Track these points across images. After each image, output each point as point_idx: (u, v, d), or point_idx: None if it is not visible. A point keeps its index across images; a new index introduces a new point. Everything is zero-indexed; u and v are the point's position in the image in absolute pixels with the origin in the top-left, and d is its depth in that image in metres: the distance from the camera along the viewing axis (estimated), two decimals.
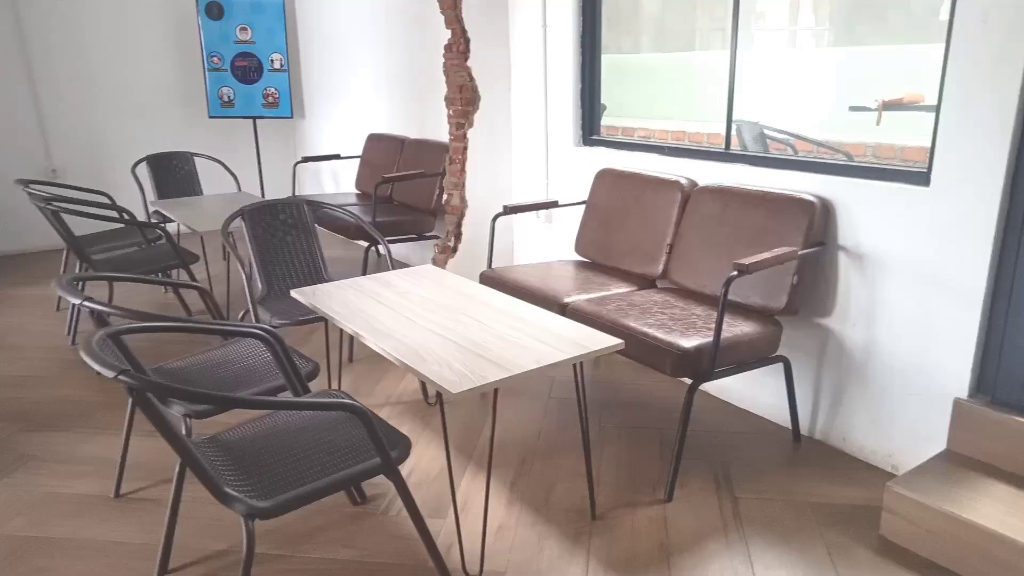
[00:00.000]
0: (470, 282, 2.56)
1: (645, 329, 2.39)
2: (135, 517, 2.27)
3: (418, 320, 2.16)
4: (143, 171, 4.81)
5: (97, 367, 1.40)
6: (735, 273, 2.24)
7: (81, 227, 3.74)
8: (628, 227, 3.17)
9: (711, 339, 2.29)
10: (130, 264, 3.65)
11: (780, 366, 2.72)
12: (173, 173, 4.98)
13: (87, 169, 5.70)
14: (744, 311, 2.58)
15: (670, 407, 2.97)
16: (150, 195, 4.81)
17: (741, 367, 2.43)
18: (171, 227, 4.07)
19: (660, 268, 2.99)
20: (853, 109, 4.39)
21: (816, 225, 2.49)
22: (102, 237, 4.12)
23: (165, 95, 6.01)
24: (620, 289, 2.93)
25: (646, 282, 3.04)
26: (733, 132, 3.09)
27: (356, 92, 5.59)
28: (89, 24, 5.58)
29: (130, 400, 2.42)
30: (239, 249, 3.03)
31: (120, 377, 1.36)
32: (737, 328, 2.41)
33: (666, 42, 6.54)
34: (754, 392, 2.89)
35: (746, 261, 2.23)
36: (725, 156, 2.98)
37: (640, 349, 2.36)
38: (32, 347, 3.73)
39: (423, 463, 2.57)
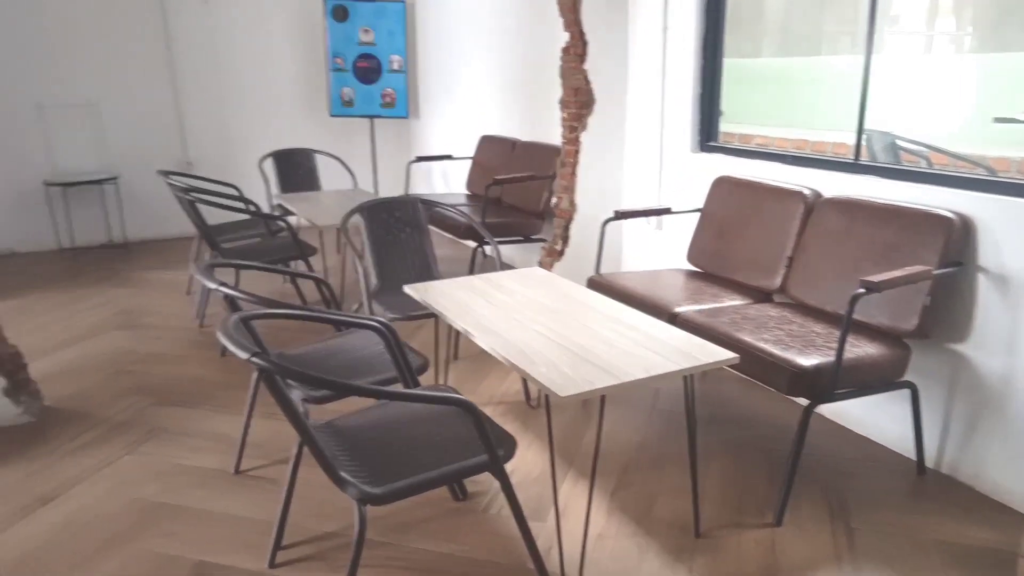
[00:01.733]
0: (578, 286, 2.55)
1: (761, 344, 2.30)
2: (252, 493, 2.39)
3: (526, 321, 2.17)
4: (268, 166, 5.09)
5: (233, 348, 1.49)
6: (862, 291, 2.12)
7: (212, 217, 3.99)
8: (745, 238, 3.06)
9: (832, 358, 2.18)
10: (254, 253, 3.86)
11: (906, 392, 2.56)
12: (295, 168, 5.24)
13: (218, 162, 6.09)
14: (869, 331, 2.44)
15: (781, 426, 2.85)
16: (274, 189, 5.08)
17: (863, 390, 2.30)
18: (291, 220, 4.29)
19: (778, 282, 2.87)
20: (999, 120, 4.07)
21: (953, 244, 2.32)
22: (230, 227, 4.38)
23: (290, 94, 6.33)
24: (734, 301, 2.83)
25: (762, 295, 2.93)
26: (862, 142, 2.93)
27: (470, 94, 5.69)
28: (225, 28, 5.95)
29: (253, 382, 2.56)
30: (355, 244, 3.15)
31: (253, 359, 1.44)
32: (860, 349, 2.28)
33: (790, 46, 6.29)
34: (876, 418, 2.73)
35: (876, 278, 2.11)
36: (854, 167, 2.83)
37: (754, 365, 2.27)
38: (164, 327, 4.02)
39: (524, 465, 2.58)
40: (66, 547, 2.12)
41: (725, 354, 1.91)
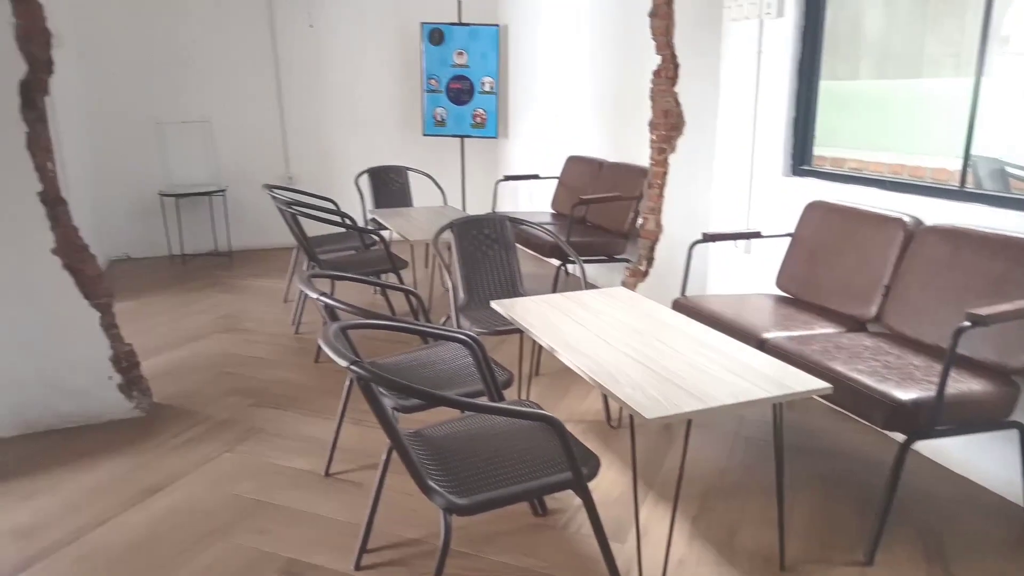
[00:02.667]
0: (663, 307, 2.54)
1: (855, 375, 2.23)
2: (340, 496, 2.49)
3: (611, 341, 2.18)
4: (364, 181, 5.29)
5: (334, 356, 1.57)
6: (968, 324, 2.03)
7: (310, 229, 4.18)
8: (839, 264, 2.98)
9: (932, 393, 2.09)
10: (349, 265, 4.03)
11: (1014, 433, 2.42)
12: (389, 185, 5.43)
13: (317, 177, 6.38)
14: (972, 366, 2.33)
15: (874, 461, 2.74)
16: (368, 204, 5.28)
17: (965, 429, 2.19)
18: (384, 234, 4.45)
19: (873, 310, 2.77)
20: None
21: None
22: (327, 239, 4.58)
23: (387, 114, 6.58)
24: (826, 329, 2.76)
25: (856, 324, 2.84)
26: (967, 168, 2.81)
27: (558, 115, 5.77)
28: (329, 51, 6.26)
29: (345, 388, 2.67)
30: (444, 258, 3.24)
31: (352, 367, 1.52)
32: (964, 384, 2.17)
33: (888, 68, 6.06)
34: (979, 459, 2.59)
35: (984, 311, 2.01)
36: (959, 194, 2.72)
37: (847, 396, 2.20)
38: (263, 332, 4.24)
39: (603, 485, 2.58)
40: (169, 537, 2.27)
41: (817, 383, 1.87)
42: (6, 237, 2.76)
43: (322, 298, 2.10)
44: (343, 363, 1.54)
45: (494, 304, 2.59)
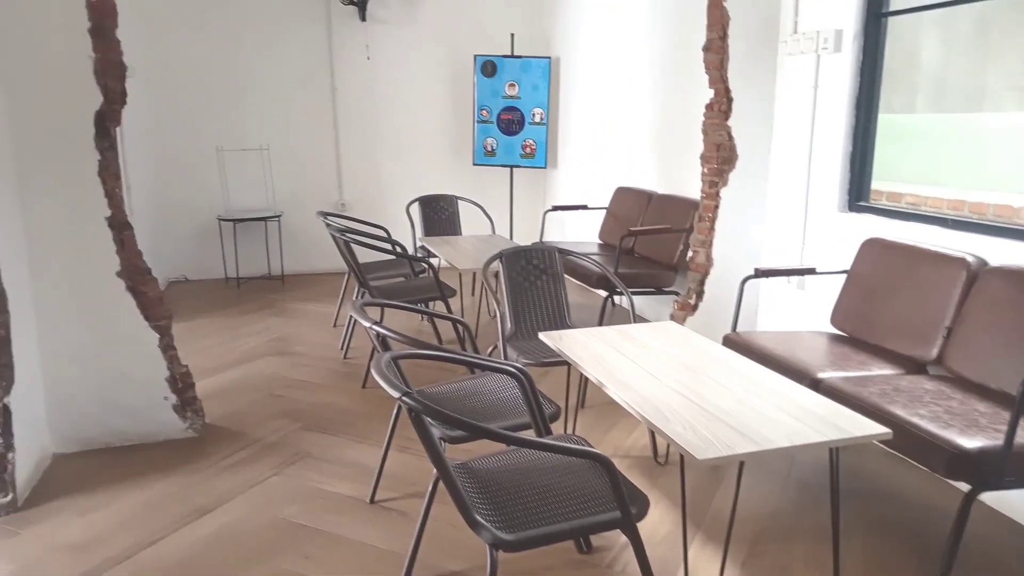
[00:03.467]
0: (713, 343, 2.51)
1: (916, 420, 2.15)
2: (385, 524, 2.50)
3: (660, 376, 2.15)
4: (414, 209, 5.38)
5: (386, 386, 1.59)
6: None
7: (362, 256, 4.25)
8: (897, 303, 2.89)
9: (1000, 442, 2.00)
10: (398, 292, 4.08)
11: None
12: (439, 213, 5.50)
13: (369, 205, 6.51)
14: None
15: (934, 509, 2.63)
16: (419, 231, 5.35)
17: None
18: (433, 261, 4.51)
19: (934, 352, 2.68)
20: None
21: None
22: (378, 266, 4.65)
23: (438, 143, 6.70)
24: (884, 371, 2.67)
25: (915, 366, 2.75)
26: None
27: (607, 146, 5.78)
28: (385, 81, 6.41)
29: (392, 416, 2.69)
30: (491, 285, 3.26)
31: (404, 399, 1.53)
32: None
33: (947, 102, 5.92)
34: None
35: None
36: None
37: (908, 442, 2.13)
38: (312, 356, 4.31)
39: (649, 523, 2.53)
40: (216, 557, 2.31)
41: (876, 428, 1.81)
42: (74, 259, 2.88)
43: (374, 327, 2.13)
44: (395, 394, 1.55)
45: (542, 336, 2.59)
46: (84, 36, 2.72)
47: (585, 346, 2.46)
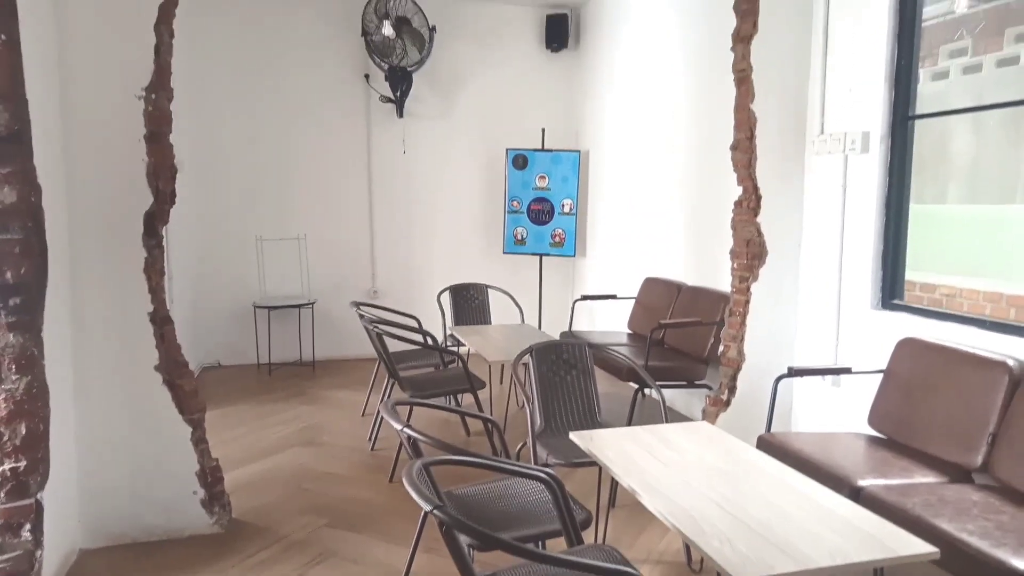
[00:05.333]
0: (748, 447, 2.45)
1: (964, 537, 2.07)
2: None
3: (694, 483, 2.11)
4: (445, 298, 5.44)
5: (417, 499, 1.58)
6: None
7: (393, 344, 4.28)
8: (937, 406, 2.82)
9: None
10: (428, 382, 4.09)
11: None
12: (469, 301, 5.56)
13: (401, 292, 6.61)
14: None
15: None
16: (449, 320, 5.40)
17: None
18: (463, 350, 4.53)
19: (979, 459, 2.59)
20: None
21: None
22: (408, 355, 4.68)
23: (470, 232, 6.84)
24: (927, 478, 2.58)
25: (959, 473, 2.65)
26: None
27: (636, 236, 5.85)
28: (420, 173, 6.64)
29: (420, 518, 2.65)
30: (520, 378, 3.25)
31: (435, 512, 1.52)
32: None
33: (979, 192, 5.92)
34: None
35: None
36: None
37: (956, 560, 2.03)
38: (340, 446, 4.29)
39: None
40: None
41: (923, 547, 1.74)
42: (115, 352, 2.95)
43: (406, 430, 2.13)
44: (426, 507, 1.54)
45: (573, 436, 2.56)
46: (140, 142, 2.89)
47: (616, 448, 2.43)
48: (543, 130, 6.66)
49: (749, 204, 3.82)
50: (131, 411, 2.99)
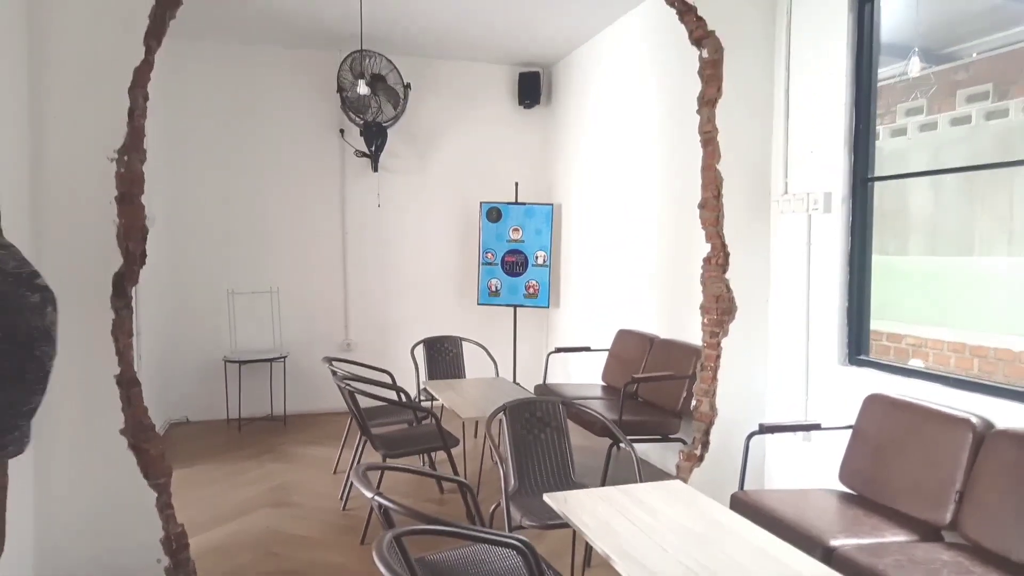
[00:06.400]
0: (721, 507, 2.46)
1: None
2: None
3: (669, 548, 2.10)
4: (419, 351, 5.41)
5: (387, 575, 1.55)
6: None
7: (365, 399, 4.22)
8: (905, 462, 2.86)
9: None
10: (401, 440, 4.05)
11: None
12: (443, 354, 5.54)
13: (375, 345, 6.57)
14: None
15: None
16: (423, 373, 5.36)
17: None
18: (436, 404, 4.50)
19: (948, 517, 2.62)
20: None
21: None
22: (381, 411, 4.62)
23: (444, 285, 6.86)
24: (897, 537, 2.60)
25: (929, 531, 2.68)
26: None
27: (609, 288, 5.91)
28: (395, 226, 6.67)
29: None
30: (494, 438, 3.23)
31: None
32: None
33: (939, 245, 6.10)
34: None
35: None
36: None
37: None
38: (310, 506, 4.20)
39: None
40: None
41: None
42: (79, 416, 2.89)
43: (377, 498, 2.11)
44: None
45: (547, 498, 2.55)
46: (111, 204, 2.88)
47: (590, 510, 2.41)
48: (516, 184, 6.76)
49: (718, 261, 3.90)
50: (94, 477, 2.91)
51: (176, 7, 3.02)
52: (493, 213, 6.68)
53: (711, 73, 3.81)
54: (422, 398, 5.33)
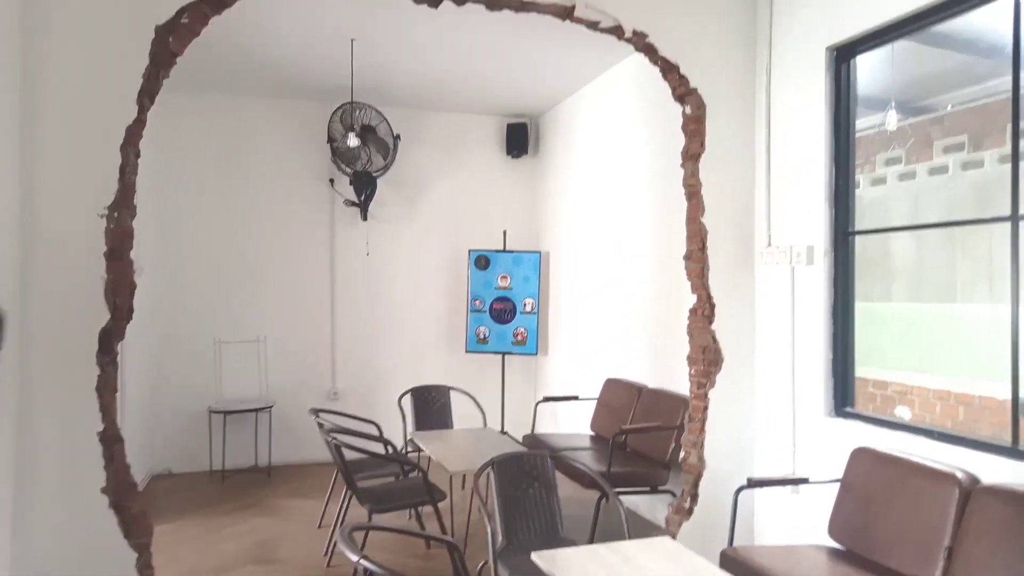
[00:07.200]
0: (712, 567, 2.43)
1: None
2: None
3: None
4: (406, 401, 5.37)
5: None
6: None
7: (351, 450, 4.18)
8: (894, 517, 2.85)
9: None
10: (387, 494, 4.00)
11: None
12: (431, 404, 5.50)
13: (362, 394, 6.53)
14: None
15: None
16: (410, 424, 5.32)
17: None
18: (424, 455, 4.45)
19: (937, 574, 2.61)
20: None
21: None
22: (367, 463, 4.56)
23: (433, 333, 6.86)
24: None
25: None
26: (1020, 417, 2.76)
27: (597, 336, 5.93)
28: (384, 274, 6.70)
29: None
30: (482, 494, 3.20)
31: None
32: None
33: (921, 292, 6.17)
34: None
35: None
36: (1013, 453, 2.65)
37: None
38: (294, 564, 4.12)
39: None
40: None
41: None
42: (59, 474, 2.84)
43: (362, 561, 2.08)
44: None
45: (535, 557, 2.52)
46: (99, 259, 2.88)
47: (579, 569, 2.39)
48: (504, 232, 6.82)
49: (704, 312, 3.93)
50: (73, 537, 2.85)
51: (171, 67, 3.08)
52: (481, 261, 6.72)
53: (694, 128, 3.90)
54: (409, 449, 5.28)
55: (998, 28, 3.11)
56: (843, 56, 3.53)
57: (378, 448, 4.38)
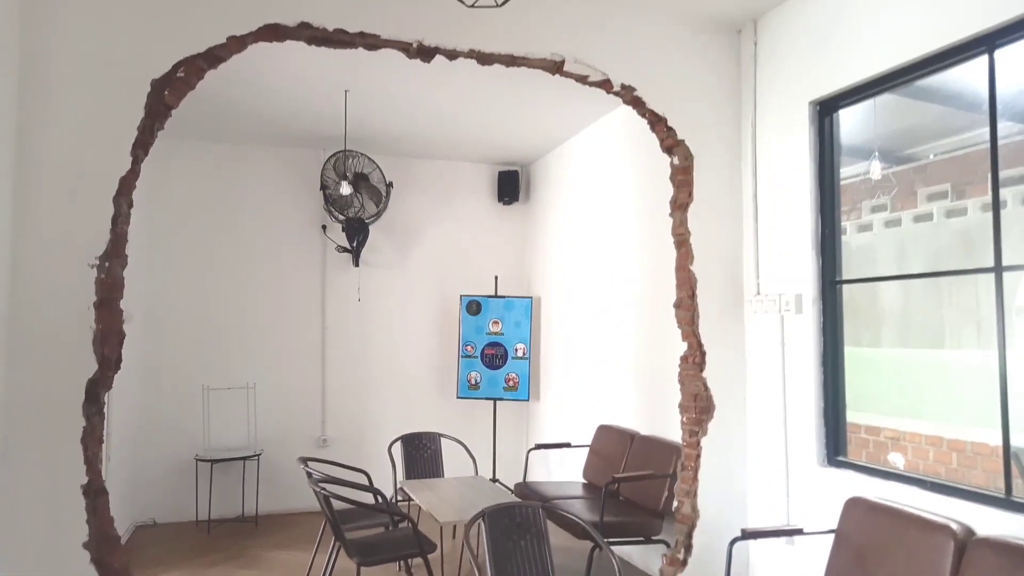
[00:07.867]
0: None
1: None
2: None
3: None
4: (396, 449, 5.31)
5: None
6: None
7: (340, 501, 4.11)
8: (889, 569, 2.82)
9: None
10: (376, 546, 3.92)
11: None
12: (421, 452, 5.44)
13: (352, 442, 6.46)
14: None
15: None
16: (400, 472, 5.24)
17: None
18: (415, 504, 4.38)
19: None
20: None
21: None
22: (356, 513, 4.49)
23: (424, 378, 6.82)
24: None
25: None
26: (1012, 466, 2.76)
27: (589, 382, 5.91)
28: (375, 320, 6.69)
29: None
30: (473, 548, 3.15)
31: None
32: None
33: (910, 337, 6.20)
34: None
35: None
36: (1006, 504, 2.64)
37: None
38: None
39: None
40: None
41: None
42: (41, 528, 2.79)
43: None
44: None
45: None
46: (89, 309, 2.87)
47: None
48: (496, 277, 6.85)
49: (694, 359, 3.94)
50: None
51: (165, 119, 3.12)
52: (473, 306, 6.73)
53: (682, 179, 3.96)
54: (399, 498, 5.20)
55: (974, 83, 3.20)
56: (826, 110, 3.62)
57: (367, 498, 4.31)
